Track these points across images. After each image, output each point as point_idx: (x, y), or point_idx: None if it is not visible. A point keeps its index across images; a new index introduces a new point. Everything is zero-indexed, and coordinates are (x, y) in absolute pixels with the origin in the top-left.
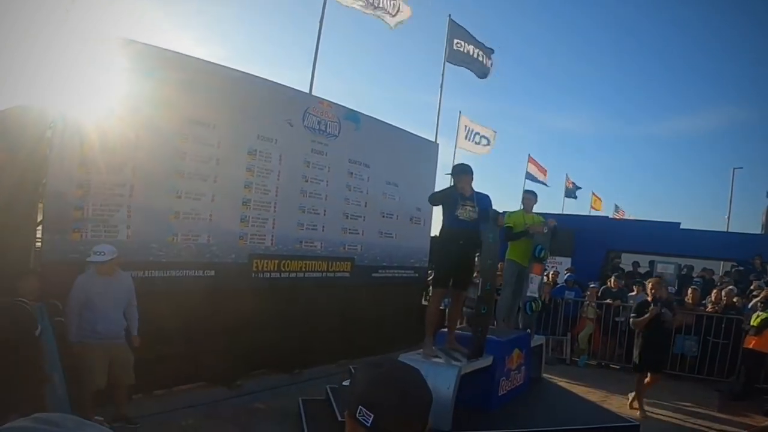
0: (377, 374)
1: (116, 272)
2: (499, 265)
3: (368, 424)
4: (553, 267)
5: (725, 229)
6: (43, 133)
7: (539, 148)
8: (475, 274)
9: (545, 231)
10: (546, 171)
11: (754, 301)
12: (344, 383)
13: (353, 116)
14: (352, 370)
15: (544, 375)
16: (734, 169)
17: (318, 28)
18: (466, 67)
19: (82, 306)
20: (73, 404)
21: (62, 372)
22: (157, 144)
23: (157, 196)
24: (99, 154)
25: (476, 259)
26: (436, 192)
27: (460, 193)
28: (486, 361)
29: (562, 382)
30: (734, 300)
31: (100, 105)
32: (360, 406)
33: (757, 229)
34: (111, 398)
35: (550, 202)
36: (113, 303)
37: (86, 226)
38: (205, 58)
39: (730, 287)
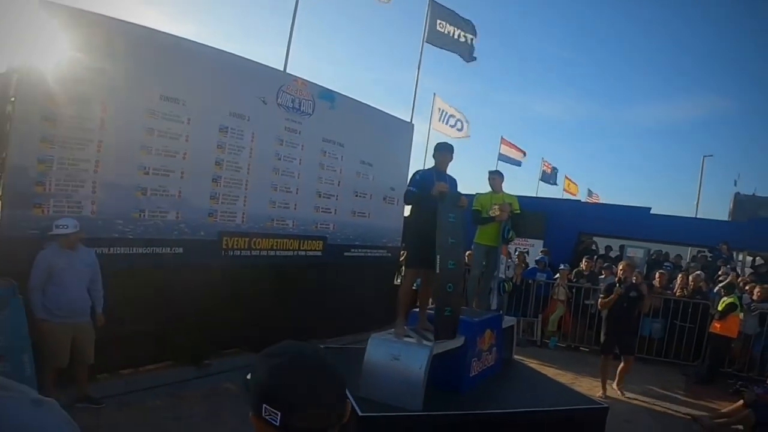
0: (277, 365)
1: (79, 247)
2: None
3: (277, 423)
4: (525, 248)
5: (694, 215)
6: (4, 108)
7: (514, 132)
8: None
9: (510, 214)
10: (523, 152)
11: (719, 286)
12: (248, 376)
13: (328, 95)
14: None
15: (515, 356)
16: (704, 156)
17: (294, 6)
18: (448, 50)
19: (45, 282)
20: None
21: (32, 352)
22: (124, 120)
23: (124, 172)
24: (63, 129)
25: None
26: (413, 191)
27: (437, 172)
28: (458, 342)
29: (533, 364)
30: (701, 285)
31: (65, 80)
32: (264, 405)
33: (725, 216)
34: (72, 378)
35: (526, 185)
36: (77, 278)
37: (48, 202)
38: (179, 35)
39: (698, 272)
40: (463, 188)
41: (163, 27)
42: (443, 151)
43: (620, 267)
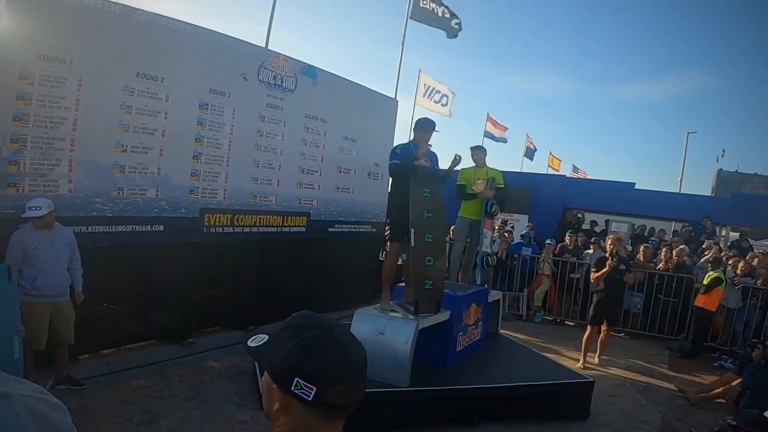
0: (311, 338)
1: (55, 226)
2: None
3: (309, 398)
4: (510, 224)
5: (678, 191)
6: None
7: (499, 108)
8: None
9: (492, 192)
10: (506, 128)
11: (703, 260)
12: (250, 342)
13: (310, 71)
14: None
15: (501, 331)
16: (688, 133)
17: None
18: (432, 25)
19: (20, 262)
20: None
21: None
22: (100, 97)
23: (101, 150)
24: (37, 107)
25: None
26: (397, 164)
27: (416, 146)
28: (443, 316)
29: (519, 338)
30: (685, 259)
31: (37, 57)
32: (296, 379)
33: (708, 191)
34: (52, 360)
35: (510, 161)
36: (55, 257)
37: (23, 181)
38: (157, 12)
39: (682, 246)
40: (446, 164)
41: (140, 3)
42: (424, 129)
43: (609, 241)
